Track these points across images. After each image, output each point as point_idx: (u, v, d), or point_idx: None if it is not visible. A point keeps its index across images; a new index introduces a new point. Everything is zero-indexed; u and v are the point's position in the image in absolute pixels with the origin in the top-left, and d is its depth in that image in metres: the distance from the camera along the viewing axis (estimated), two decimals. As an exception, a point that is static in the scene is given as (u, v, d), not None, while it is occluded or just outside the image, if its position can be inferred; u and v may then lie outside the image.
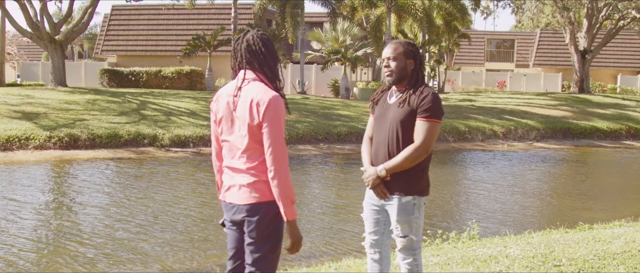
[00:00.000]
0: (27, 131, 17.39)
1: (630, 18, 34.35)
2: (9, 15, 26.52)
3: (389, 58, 3.79)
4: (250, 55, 3.21)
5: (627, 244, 5.81)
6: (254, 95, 3.13)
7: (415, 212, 3.72)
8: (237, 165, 3.21)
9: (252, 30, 3.29)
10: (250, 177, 3.16)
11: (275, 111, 3.09)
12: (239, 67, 3.26)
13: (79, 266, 7.53)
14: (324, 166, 16.65)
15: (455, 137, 21.71)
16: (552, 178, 15.85)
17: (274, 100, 3.11)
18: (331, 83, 32.75)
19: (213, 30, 30.71)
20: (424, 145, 3.62)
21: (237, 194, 3.20)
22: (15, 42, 39.83)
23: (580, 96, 32.44)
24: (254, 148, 3.14)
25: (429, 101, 3.65)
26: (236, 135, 3.19)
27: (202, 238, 8.83)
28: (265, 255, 3.17)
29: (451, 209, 11.45)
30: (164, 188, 12.67)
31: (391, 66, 3.77)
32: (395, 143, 3.71)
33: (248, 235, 3.18)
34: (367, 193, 3.91)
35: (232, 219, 3.26)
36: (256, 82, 3.18)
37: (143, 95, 25.23)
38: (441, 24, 32.13)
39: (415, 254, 3.77)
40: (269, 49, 3.24)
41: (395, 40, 3.88)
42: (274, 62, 3.25)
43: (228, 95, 3.24)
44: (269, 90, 3.15)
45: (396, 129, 3.71)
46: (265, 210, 3.14)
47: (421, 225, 3.79)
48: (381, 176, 3.70)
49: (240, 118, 3.16)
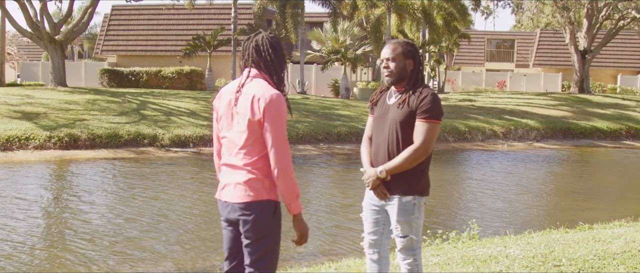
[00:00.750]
0: (27, 131, 17.39)
1: (630, 18, 34.36)
2: (9, 15, 26.52)
3: (388, 59, 3.78)
4: (257, 56, 3.21)
5: (627, 244, 5.81)
6: (255, 91, 3.12)
7: (415, 212, 3.72)
8: (234, 161, 3.18)
9: (264, 32, 3.29)
10: (246, 174, 3.13)
11: (276, 108, 3.08)
12: (244, 66, 3.26)
13: (78, 265, 7.53)
14: (323, 166, 16.64)
15: (455, 137, 21.71)
16: (552, 178, 15.85)
17: (275, 97, 3.10)
18: (331, 83, 32.76)
19: (213, 30, 30.72)
20: (424, 146, 3.63)
21: (233, 192, 3.17)
22: (15, 42, 39.80)
23: (580, 96, 32.44)
24: (252, 144, 3.12)
25: (428, 102, 3.65)
26: (235, 130, 3.17)
27: (201, 237, 8.83)
28: (264, 256, 3.13)
29: (451, 209, 11.44)
30: (164, 188, 12.67)
31: (390, 67, 3.77)
32: (395, 144, 3.71)
33: (244, 235, 3.14)
34: (367, 193, 3.91)
35: (228, 218, 3.22)
36: (259, 80, 3.18)
37: (143, 95, 25.23)
38: (441, 24, 32.13)
39: (416, 254, 3.77)
40: (277, 53, 3.23)
41: (394, 41, 3.87)
42: (281, 67, 3.24)
43: (230, 93, 3.24)
44: (271, 88, 3.15)
45: (396, 130, 3.71)
46: (261, 209, 3.10)
47: (421, 225, 3.79)
48: (381, 177, 3.70)
49: (240, 113, 3.14)
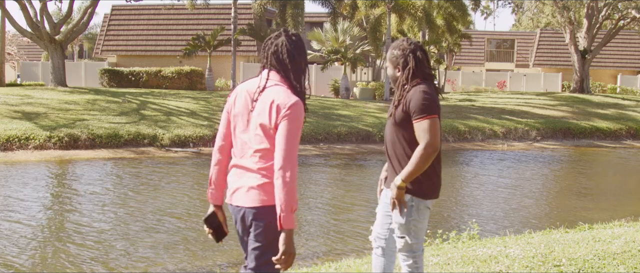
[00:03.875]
0: (27, 131, 17.39)
1: (630, 18, 34.35)
2: (9, 15, 26.51)
3: (387, 66, 3.88)
4: (275, 61, 3.15)
5: (627, 244, 5.81)
6: (275, 97, 3.05)
7: (412, 214, 3.68)
8: (247, 164, 3.12)
9: (285, 34, 3.18)
10: (260, 178, 3.06)
11: (294, 117, 3.01)
12: (264, 67, 3.20)
13: (78, 265, 7.53)
14: (324, 166, 16.64)
15: (455, 137, 21.72)
16: (552, 178, 15.84)
17: (294, 105, 3.03)
18: (331, 83, 32.75)
19: (213, 30, 30.70)
20: (429, 144, 3.59)
21: (245, 196, 3.10)
22: (15, 42, 39.81)
23: (580, 96, 32.43)
24: (268, 149, 3.05)
25: (415, 101, 3.62)
26: (251, 134, 3.11)
27: (201, 237, 8.82)
28: (269, 261, 3.05)
29: (451, 209, 11.44)
30: (164, 188, 12.67)
31: (389, 73, 3.86)
32: (395, 142, 3.77)
33: (255, 238, 3.08)
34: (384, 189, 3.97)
35: (240, 222, 3.15)
36: (279, 86, 3.10)
37: (143, 95, 25.23)
38: (442, 24, 32.12)
39: (416, 257, 3.74)
40: (297, 58, 3.14)
41: (394, 42, 3.89)
42: (299, 73, 3.15)
43: (248, 92, 3.16)
44: (291, 94, 3.07)
45: (393, 130, 3.79)
46: (274, 214, 3.02)
47: (421, 228, 3.73)
48: (401, 186, 3.65)
49: (257, 118, 3.08)
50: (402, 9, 29.00)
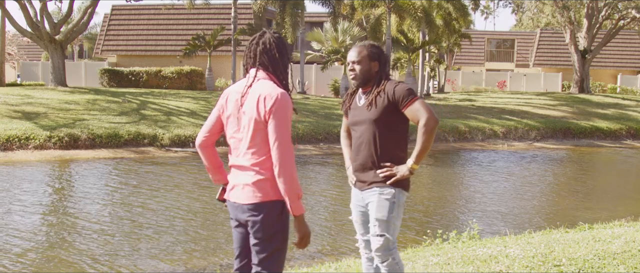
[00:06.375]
0: (27, 131, 17.39)
1: (630, 18, 34.36)
2: (9, 15, 26.51)
3: (353, 62, 3.91)
4: (263, 56, 3.24)
5: (627, 244, 5.81)
6: (261, 90, 3.15)
7: (394, 210, 3.77)
8: (242, 162, 3.21)
9: (269, 32, 3.32)
10: (254, 175, 3.15)
11: (281, 107, 3.10)
12: (250, 66, 3.29)
13: (78, 265, 7.54)
14: (324, 166, 16.65)
15: (455, 137, 21.71)
16: (552, 178, 15.84)
17: (281, 95, 3.12)
18: (331, 83, 32.76)
19: (213, 30, 30.71)
20: (430, 118, 3.70)
21: (241, 193, 3.20)
22: (15, 42, 39.79)
23: (580, 96, 32.44)
24: (260, 144, 3.14)
25: (400, 88, 3.77)
26: (243, 132, 3.20)
27: (201, 237, 8.83)
28: (272, 255, 3.17)
29: (451, 209, 11.44)
30: (164, 188, 12.67)
31: (356, 70, 3.90)
32: (373, 143, 3.83)
33: (253, 235, 3.17)
34: (353, 195, 4.00)
35: (237, 218, 3.26)
36: (266, 81, 3.21)
37: (143, 95, 25.23)
38: (441, 24, 32.11)
39: (393, 253, 3.80)
40: (282, 53, 3.27)
41: (360, 44, 3.99)
42: (287, 66, 3.29)
43: (237, 93, 3.26)
44: (277, 87, 3.18)
45: (372, 130, 3.82)
46: (269, 209, 3.13)
47: (398, 225, 3.82)
48: (414, 169, 3.77)
49: (247, 114, 3.17)
50: (402, 9, 28.99)
